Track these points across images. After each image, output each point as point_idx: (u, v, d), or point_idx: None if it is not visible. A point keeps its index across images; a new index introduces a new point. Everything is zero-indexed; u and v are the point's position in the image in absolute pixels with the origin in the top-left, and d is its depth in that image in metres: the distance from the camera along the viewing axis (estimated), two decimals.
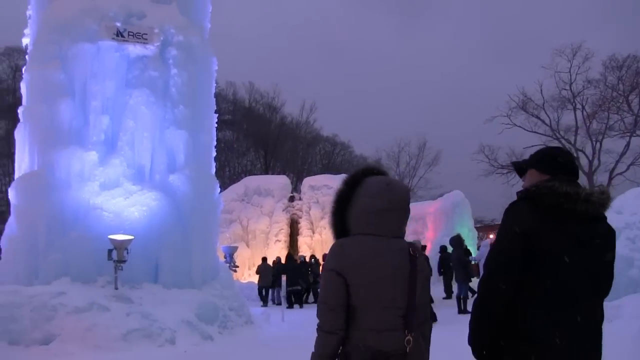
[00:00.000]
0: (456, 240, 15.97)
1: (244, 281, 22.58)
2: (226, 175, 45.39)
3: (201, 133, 13.16)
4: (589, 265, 2.52)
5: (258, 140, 50.74)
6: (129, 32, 12.35)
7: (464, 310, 14.31)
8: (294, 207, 27.88)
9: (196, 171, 12.60)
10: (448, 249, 18.23)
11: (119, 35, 12.27)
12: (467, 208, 27.38)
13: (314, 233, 27.05)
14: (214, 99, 14.24)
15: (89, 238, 11.00)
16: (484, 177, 41.25)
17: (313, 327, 2.52)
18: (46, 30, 12.24)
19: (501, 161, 40.57)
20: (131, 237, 10.89)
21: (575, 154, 40.28)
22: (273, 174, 41.97)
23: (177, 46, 12.78)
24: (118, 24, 12.32)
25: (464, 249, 17.25)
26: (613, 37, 61.14)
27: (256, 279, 20.48)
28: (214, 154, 14.01)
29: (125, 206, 11.66)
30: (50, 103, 11.71)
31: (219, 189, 13.72)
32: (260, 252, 24.62)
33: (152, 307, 10.59)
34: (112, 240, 10.68)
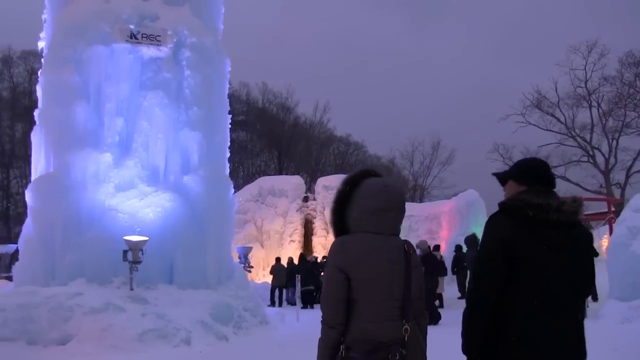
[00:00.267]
0: (471, 240, 15.85)
1: (259, 282, 22.56)
2: (240, 176, 45.49)
3: (215, 134, 13.21)
4: (566, 268, 2.70)
5: (272, 140, 50.79)
6: (142, 34, 12.40)
7: None
8: (308, 208, 27.82)
9: (210, 172, 12.64)
10: (463, 249, 18.08)
11: (133, 37, 12.32)
12: (482, 207, 27.11)
13: (328, 233, 26.91)
14: (228, 99, 14.26)
15: (104, 239, 11.08)
16: None
17: None
18: (61, 34, 12.35)
19: (516, 160, 40.15)
20: (146, 238, 10.95)
21: (591, 152, 39.90)
22: (287, 174, 41.91)
23: (191, 48, 12.82)
24: (131, 26, 12.37)
25: None
26: (629, 34, 60.43)
27: (270, 279, 20.50)
28: (228, 154, 14.05)
29: (140, 207, 11.72)
30: (65, 106, 11.82)
31: (233, 190, 13.74)
32: (275, 253, 24.60)
33: (167, 308, 10.65)
34: (127, 241, 10.75)
